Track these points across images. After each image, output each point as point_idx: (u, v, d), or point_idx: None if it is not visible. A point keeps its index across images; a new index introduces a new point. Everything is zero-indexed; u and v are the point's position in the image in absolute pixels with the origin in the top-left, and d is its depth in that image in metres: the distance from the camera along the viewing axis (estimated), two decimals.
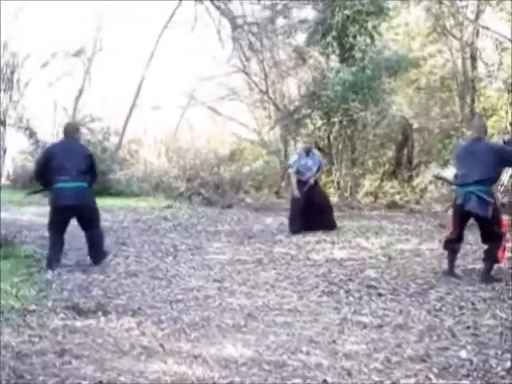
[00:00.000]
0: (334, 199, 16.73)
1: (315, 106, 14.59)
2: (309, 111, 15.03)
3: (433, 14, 14.95)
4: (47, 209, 7.96)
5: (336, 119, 14.88)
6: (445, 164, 17.58)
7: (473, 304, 6.23)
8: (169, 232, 11.03)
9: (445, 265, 7.90)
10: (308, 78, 14.81)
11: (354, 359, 4.68)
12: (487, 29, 14.30)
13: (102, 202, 14.96)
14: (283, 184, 18.15)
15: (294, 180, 11.23)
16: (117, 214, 13.23)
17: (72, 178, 7.47)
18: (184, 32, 17.15)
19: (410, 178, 18.29)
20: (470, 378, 4.31)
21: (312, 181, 11.12)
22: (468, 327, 5.46)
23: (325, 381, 4.24)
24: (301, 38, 15.29)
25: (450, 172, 17.28)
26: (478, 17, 14.45)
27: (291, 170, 11.34)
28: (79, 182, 7.55)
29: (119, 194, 16.97)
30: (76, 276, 7.22)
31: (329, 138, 18.05)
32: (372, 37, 13.77)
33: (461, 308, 6.10)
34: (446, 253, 8.03)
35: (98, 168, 8.86)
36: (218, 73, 18.05)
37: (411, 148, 18.65)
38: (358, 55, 13.82)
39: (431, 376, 4.34)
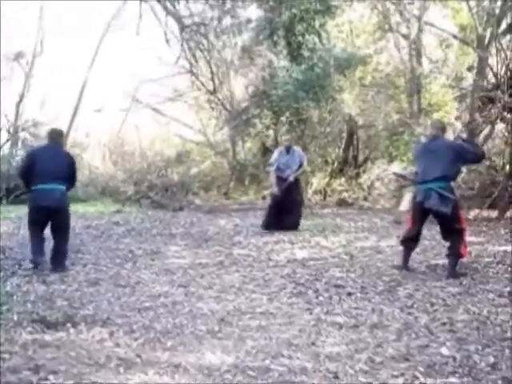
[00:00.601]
0: None
1: (264, 105, 14.51)
2: (258, 111, 14.94)
3: (379, 11, 15.06)
4: None
5: (285, 118, 14.82)
6: (391, 160, 17.83)
7: (443, 300, 6.28)
8: (123, 237, 10.78)
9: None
10: (256, 78, 14.70)
11: (337, 361, 4.62)
12: (432, 25, 14.51)
13: None
14: (231, 185, 18.10)
15: (273, 177, 11.22)
16: None
17: (51, 181, 7.73)
18: (128, 33, 16.82)
19: (357, 175, 18.48)
20: (457, 375, 4.30)
21: (291, 178, 10.98)
22: (444, 323, 5.48)
23: None
24: (247, 37, 15.18)
25: (397, 168, 17.60)
26: (422, 14, 14.61)
27: (271, 168, 11.25)
28: (58, 185, 7.79)
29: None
30: (36, 287, 6.93)
31: (276, 137, 18.09)
32: (320, 35, 13.79)
33: (432, 304, 6.13)
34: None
35: None
36: (162, 74, 17.77)
37: (357, 145, 18.85)
38: (306, 54, 13.79)
39: (418, 375, 4.31)
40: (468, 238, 9.36)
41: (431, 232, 9.34)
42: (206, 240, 10.34)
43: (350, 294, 6.62)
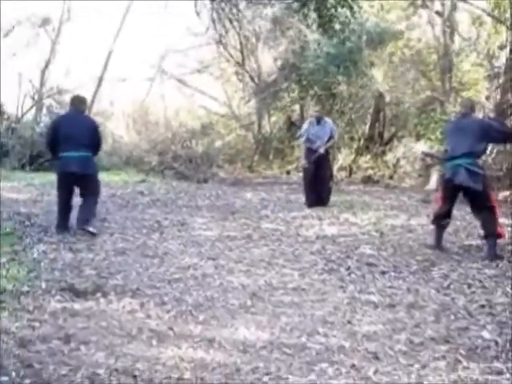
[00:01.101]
0: None
1: (293, 78, 14.27)
2: (286, 84, 14.70)
3: None
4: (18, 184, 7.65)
5: (313, 92, 14.57)
6: (418, 139, 17.53)
7: (480, 282, 6.10)
8: (148, 207, 10.67)
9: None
10: (286, 51, 14.42)
11: (375, 340, 4.50)
12: (465, 1, 14.15)
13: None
14: (256, 158, 17.94)
15: (303, 149, 11.05)
16: None
17: (77, 148, 7.83)
18: (156, 2, 16.60)
19: (383, 152, 18.19)
20: (501, 360, 4.14)
21: (322, 150, 10.70)
22: (482, 306, 5.32)
23: (353, 365, 4.01)
24: (278, 9, 14.89)
25: (424, 147, 17.29)
26: None
27: (301, 139, 11.02)
28: (83, 152, 7.89)
29: None
30: (63, 255, 6.85)
31: (302, 111, 17.86)
32: (352, 8, 13.49)
33: (469, 286, 5.96)
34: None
35: None
36: (190, 45, 17.56)
37: (383, 123, 18.53)
38: (338, 27, 13.50)
39: (460, 358, 4.16)
40: (501, 220, 9.20)
41: (461, 212, 9.12)
42: (232, 213, 10.20)
43: (383, 273, 6.45)
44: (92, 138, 8.06)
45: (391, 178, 17.07)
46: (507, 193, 11.96)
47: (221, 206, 10.90)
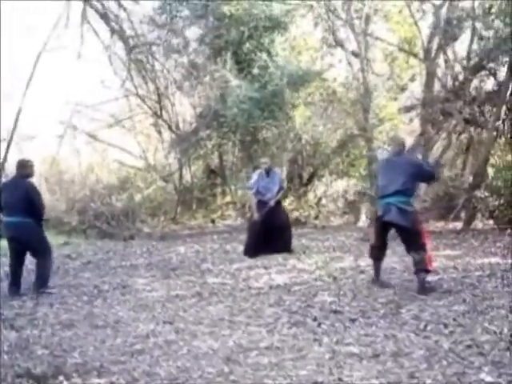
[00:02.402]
0: (235, 222, 16.36)
1: (213, 125, 14.03)
2: (207, 132, 14.44)
3: (324, 27, 14.89)
4: None
5: (235, 138, 14.38)
6: (340, 177, 17.64)
7: (455, 320, 5.96)
8: (81, 271, 10.08)
9: (394, 280, 7.71)
10: (206, 98, 14.17)
11: None
12: (378, 39, 14.46)
13: None
14: (179, 209, 17.51)
15: (253, 202, 10.81)
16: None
17: (14, 213, 8.04)
18: (62, 57, 16.05)
19: (304, 193, 18.16)
20: None
21: (272, 203, 10.54)
22: (469, 346, 5.15)
23: None
24: (195, 57, 14.69)
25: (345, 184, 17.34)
26: (367, 28, 14.52)
27: (251, 191, 10.80)
28: (19, 217, 8.00)
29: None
30: (6, 334, 6.23)
31: (221, 158, 17.63)
32: (269, 52, 13.46)
33: (446, 326, 5.80)
34: (392, 267, 7.99)
35: None
36: (103, 98, 17.05)
37: (302, 163, 18.48)
38: (256, 71, 13.41)
39: None
40: (443, 252, 9.25)
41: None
42: (172, 269, 9.75)
43: (352, 321, 6.20)
44: (29, 202, 8.04)
45: (317, 217, 17.04)
46: (442, 223, 12.06)
47: (157, 263, 10.41)
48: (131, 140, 20.76)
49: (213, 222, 17.18)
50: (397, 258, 9.29)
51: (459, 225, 12.19)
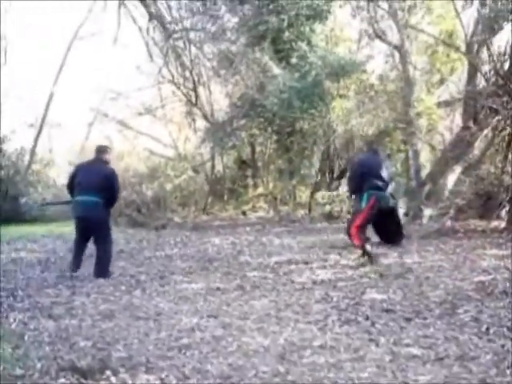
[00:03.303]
0: (267, 214, 16.07)
1: (250, 115, 13.71)
2: (243, 121, 14.13)
3: (362, 18, 14.49)
4: None
5: (271, 129, 14.05)
6: None
7: None
8: (115, 260, 9.77)
9: (444, 278, 7.38)
10: (246, 87, 13.82)
11: None
12: (422, 31, 14.04)
13: (20, 230, 13.72)
14: (209, 200, 17.26)
15: None
16: (44, 243, 11.93)
17: (86, 193, 8.19)
18: (95, 44, 15.80)
19: (336, 187, 17.80)
20: None
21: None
22: None
23: None
24: (233, 44, 14.32)
25: None
26: (409, 20, 14.10)
27: None
28: (91, 197, 8.17)
29: (34, 219, 15.46)
30: (44, 323, 5.99)
31: (253, 149, 17.32)
32: (310, 42, 13.10)
33: (509, 329, 5.41)
34: (439, 265, 7.76)
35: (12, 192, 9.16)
36: (136, 86, 16.79)
37: (334, 155, 18.08)
38: (295, 61, 13.05)
39: None
40: (490, 251, 8.94)
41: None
42: (209, 261, 9.49)
43: (408, 320, 5.86)
44: (107, 186, 8.25)
45: (349, 212, 16.62)
46: (484, 222, 11.65)
47: (193, 255, 10.16)
48: (161, 129, 20.60)
49: (244, 213, 16.91)
50: (443, 255, 8.94)
51: (500, 223, 11.72)
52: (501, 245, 9.73)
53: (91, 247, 8.72)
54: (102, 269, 8.34)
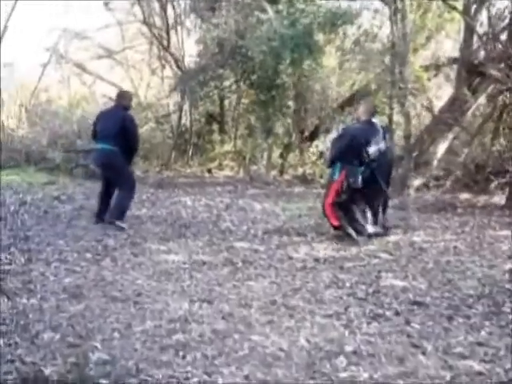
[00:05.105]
0: (237, 174, 14.90)
1: (230, 64, 12.32)
2: (221, 71, 12.74)
3: None
4: None
5: (250, 81, 12.72)
6: None
7: None
8: (74, 219, 8.57)
9: (461, 263, 6.35)
10: (224, 32, 12.34)
11: None
12: None
13: None
14: (173, 155, 15.92)
15: None
16: None
17: (104, 141, 7.99)
18: None
19: (307, 148, 16.59)
20: None
21: None
22: None
23: None
24: None
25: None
26: None
27: None
28: (109, 145, 7.93)
29: None
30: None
31: (221, 102, 15.99)
32: None
33: None
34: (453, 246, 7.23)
35: None
36: (98, 25, 15.19)
37: (305, 114, 16.75)
38: (281, 7, 11.67)
39: None
40: (502, 232, 7.98)
41: None
42: (185, 226, 8.28)
43: (449, 319, 4.79)
44: (123, 132, 7.91)
45: (321, 177, 15.52)
46: (483, 197, 10.71)
47: (165, 217, 8.93)
48: (122, 74, 19.04)
49: (209, 171, 15.61)
50: (453, 234, 7.95)
51: (500, 199, 10.76)
52: (509, 225, 8.77)
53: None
54: (113, 213, 8.01)
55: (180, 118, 15.03)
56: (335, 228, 7.64)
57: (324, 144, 16.18)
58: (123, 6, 14.62)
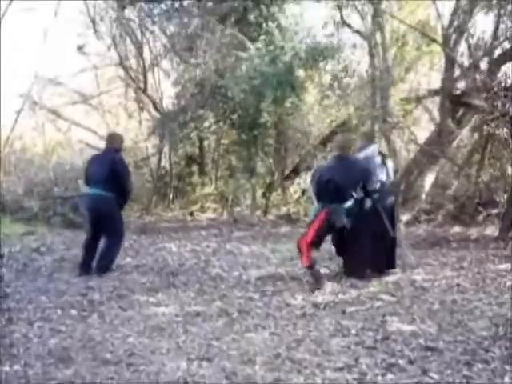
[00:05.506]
0: (220, 216, 14.58)
1: (210, 105, 12.04)
2: (201, 112, 12.45)
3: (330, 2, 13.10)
4: None
5: (231, 121, 12.45)
6: None
7: None
8: (56, 271, 8.14)
9: (468, 302, 6.03)
10: (203, 72, 12.08)
11: None
12: (393, 17, 12.82)
13: None
14: (154, 199, 15.57)
15: None
16: None
17: (94, 186, 7.77)
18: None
19: (288, 187, 16.34)
20: None
21: None
22: None
23: None
24: (189, 24, 12.56)
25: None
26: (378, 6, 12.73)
27: None
28: (100, 190, 7.71)
29: None
30: None
31: (201, 143, 15.74)
32: (279, 24, 11.54)
33: None
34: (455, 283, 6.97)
35: None
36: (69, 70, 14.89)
37: (285, 153, 16.54)
38: (260, 45, 11.47)
39: None
40: (503, 265, 7.72)
41: None
42: (173, 275, 7.89)
43: (468, 365, 4.46)
44: (113, 176, 7.69)
45: (306, 215, 15.21)
46: (475, 229, 10.47)
47: (151, 266, 8.53)
48: (97, 119, 18.72)
49: (191, 214, 15.27)
50: (453, 271, 7.67)
51: (493, 231, 10.53)
52: (507, 258, 8.51)
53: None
54: (102, 265, 7.78)
55: (159, 160, 14.74)
56: (304, 266, 7.23)
57: (305, 183, 15.99)
58: (98, 50, 14.30)
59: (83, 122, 18.52)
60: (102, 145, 17.76)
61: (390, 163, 7.85)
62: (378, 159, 7.43)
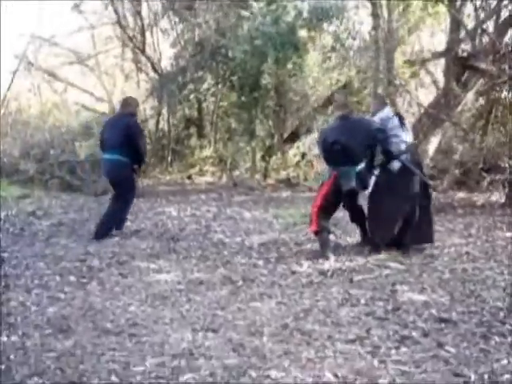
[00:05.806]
0: (219, 180, 14.35)
1: (210, 66, 11.71)
2: (200, 73, 12.12)
3: None
4: None
5: (231, 83, 12.13)
6: None
7: None
8: (54, 236, 7.94)
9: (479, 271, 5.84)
10: (204, 32, 11.74)
11: None
12: None
13: None
14: (152, 161, 15.28)
15: None
16: None
17: (108, 151, 7.70)
18: None
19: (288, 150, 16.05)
20: None
21: None
22: None
23: None
24: None
25: None
26: None
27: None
28: (112, 155, 7.64)
29: None
30: None
31: (200, 105, 15.42)
32: None
33: None
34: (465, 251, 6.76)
35: None
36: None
37: (285, 115, 16.22)
38: (261, 4, 11.10)
39: None
40: None
41: None
42: (174, 240, 7.69)
43: (485, 339, 4.26)
44: (127, 140, 7.54)
45: (306, 179, 14.99)
46: (481, 195, 10.25)
47: (151, 230, 8.33)
48: (93, 80, 18.35)
49: (189, 177, 15.03)
50: (461, 238, 7.49)
51: (500, 197, 10.29)
52: None
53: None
54: (101, 228, 7.66)
55: (158, 123, 14.43)
56: (314, 233, 6.89)
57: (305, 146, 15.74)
58: (95, 8, 13.91)
59: (79, 83, 18.19)
60: (98, 106, 17.62)
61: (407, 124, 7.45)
62: (395, 120, 6.93)
